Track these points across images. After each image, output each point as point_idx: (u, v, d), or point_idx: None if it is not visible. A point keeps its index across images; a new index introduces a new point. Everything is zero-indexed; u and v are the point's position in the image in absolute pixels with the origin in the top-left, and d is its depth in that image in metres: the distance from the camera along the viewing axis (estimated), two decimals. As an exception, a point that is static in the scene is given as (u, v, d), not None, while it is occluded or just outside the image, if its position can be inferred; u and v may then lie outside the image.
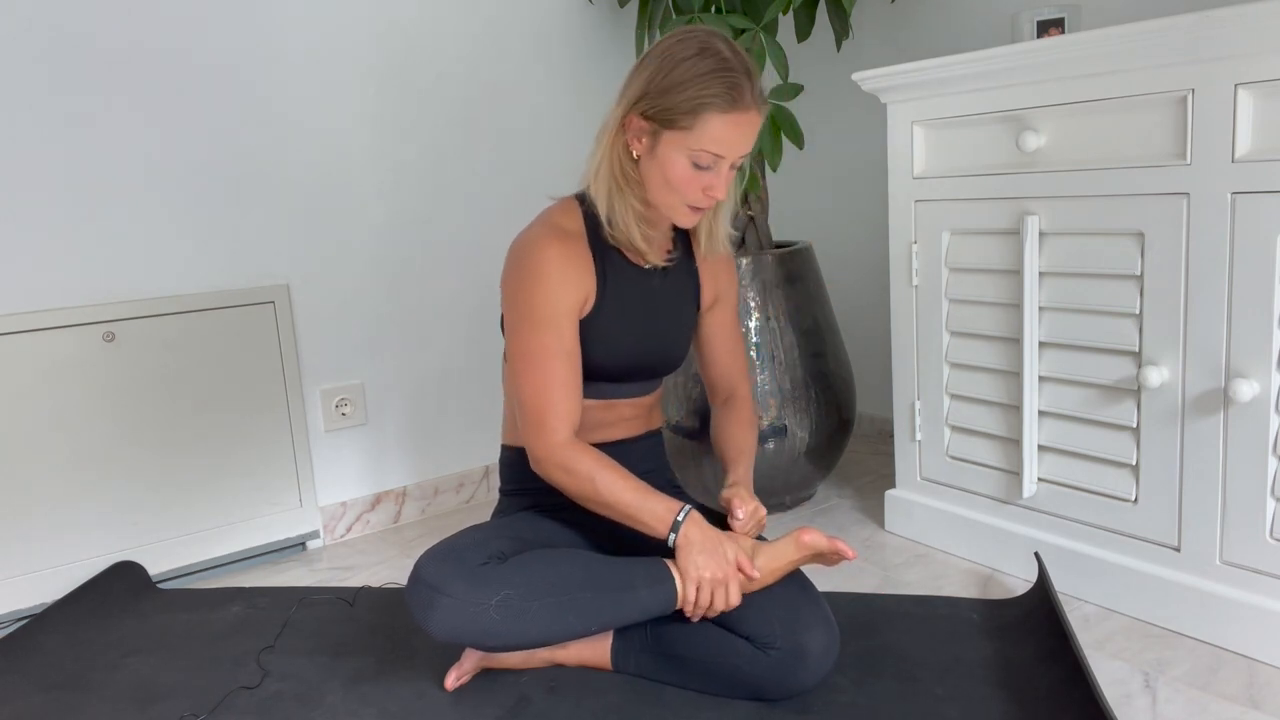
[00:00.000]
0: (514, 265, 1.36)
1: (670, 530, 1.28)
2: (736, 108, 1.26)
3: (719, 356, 1.58)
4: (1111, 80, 1.42)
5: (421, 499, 2.21)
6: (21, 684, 1.49)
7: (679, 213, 1.35)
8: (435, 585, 1.24)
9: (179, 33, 1.82)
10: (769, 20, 1.90)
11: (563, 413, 1.33)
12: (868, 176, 2.46)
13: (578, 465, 1.31)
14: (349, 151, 2.05)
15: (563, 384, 1.33)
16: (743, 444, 1.52)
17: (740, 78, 1.27)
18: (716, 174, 1.31)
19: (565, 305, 1.34)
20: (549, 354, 1.33)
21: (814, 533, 1.31)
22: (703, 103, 1.25)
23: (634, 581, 1.28)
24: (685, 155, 1.29)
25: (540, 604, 1.24)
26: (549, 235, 1.35)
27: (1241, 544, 1.37)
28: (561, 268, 1.34)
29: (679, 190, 1.32)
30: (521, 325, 1.34)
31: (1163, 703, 1.27)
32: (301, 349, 2.02)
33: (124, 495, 1.82)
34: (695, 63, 1.26)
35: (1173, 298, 1.40)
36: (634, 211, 1.36)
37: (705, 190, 1.32)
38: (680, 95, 1.26)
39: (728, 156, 1.30)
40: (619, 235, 1.38)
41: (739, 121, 1.28)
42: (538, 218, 1.42)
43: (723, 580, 1.26)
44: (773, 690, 1.28)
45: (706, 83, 1.25)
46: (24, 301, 1.72)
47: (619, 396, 1.47)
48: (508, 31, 2.24)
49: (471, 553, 1.28)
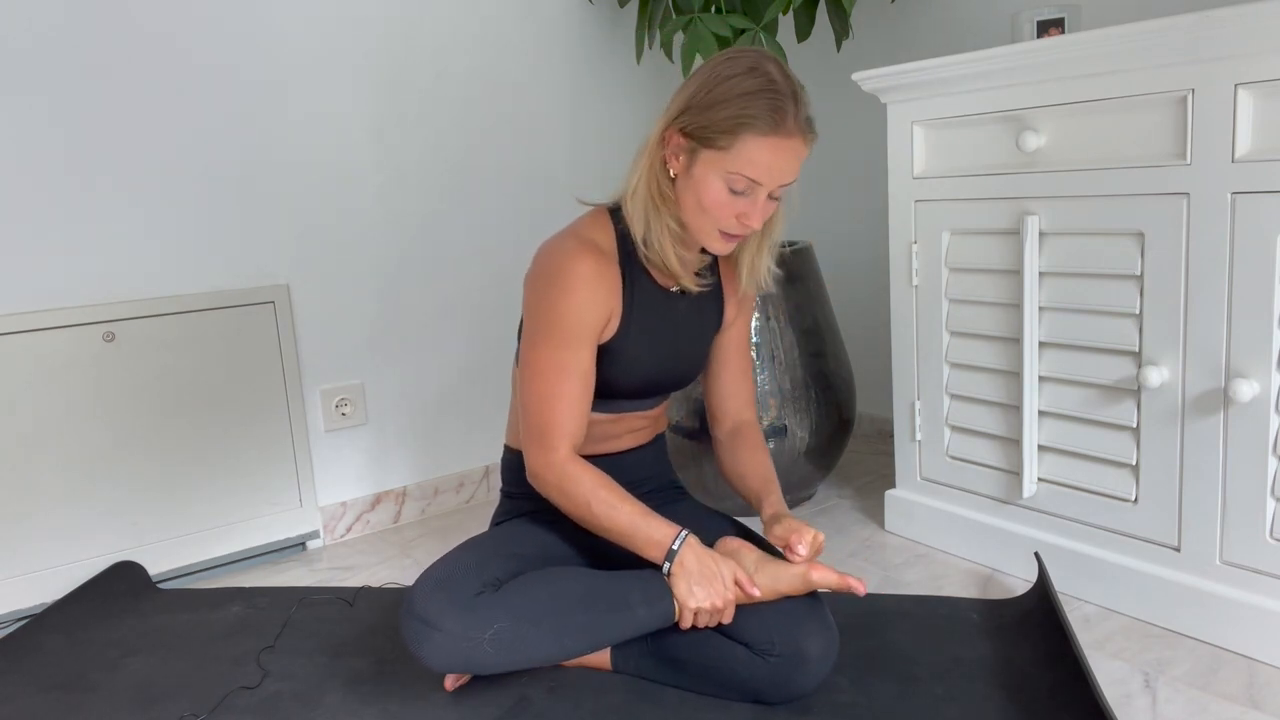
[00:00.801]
0: (542, 273, 1.32)
1: (665, 559, 1.27)
2: (778, 132, 1.21)
3: (727, 379, 1.53)
4: (1111, 80, 1.42)
5: (421, 499, 2.21)
6: (21, 684, 1.49)
7: (712, 238, 1.30)
8: (428, 620, 1.23)
9: (179, 32, 1.82)
10: (769, 20, 1.90)
11: (567, 431, 1.31)
12: (868, 176, 2.46)
13: (575, 487, 1.29)
14: (349, 151, 2.05)
15: (571, 403, 1.31)
16: (767, 471, 1.46)
17: (786, 101, 1.21)
18: (753, 201, 1.26)
19: (589, 325, 1.30)
20: (564, 372, 1.30)
21: (824, 571, 1.27)
22: (743, 122, 1.20)
23: (631, 600, 1.27)
24: (721, 177, 1.24)
25: (535, 631, 1.24)
26: (583, 249, 1.30)
27: (1241, 544, 1.37)
28: (592, 285, 1.29)
29: (711, 214, 1.27)
30: (540, 337, 1.31)
31: (1163, 703, 1.27)
32: (301, 349, 2.02)
33: (124, 495, 1.82)
34: (741, 81, 1.22)
35: (1173, 298, 1.40)
36: (670, 232, 1.32)
37: (739, 218, 1.27)
38: (721, 113, 1.22)
39: (765, 184, 1.24)
40: (653, 256, 1.34)
41: (779, 147, 1.22)
42: (570, 226, 1.38)
43: (720, 608, 1.25)
44: (771, 694, 1.28)
45: (748, 102, 1.21)
46: (24, 301, 1.72)
47: (628, 411, 1.46)
48: (508, 31, 2.24)
49: (465, 582, 1.27)
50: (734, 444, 1.51)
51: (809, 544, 1.29)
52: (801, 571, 1.27)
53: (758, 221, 1.27)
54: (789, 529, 1.31)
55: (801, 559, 1.28)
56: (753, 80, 1.22)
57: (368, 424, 2.13)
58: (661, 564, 1.27)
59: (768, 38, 1.90)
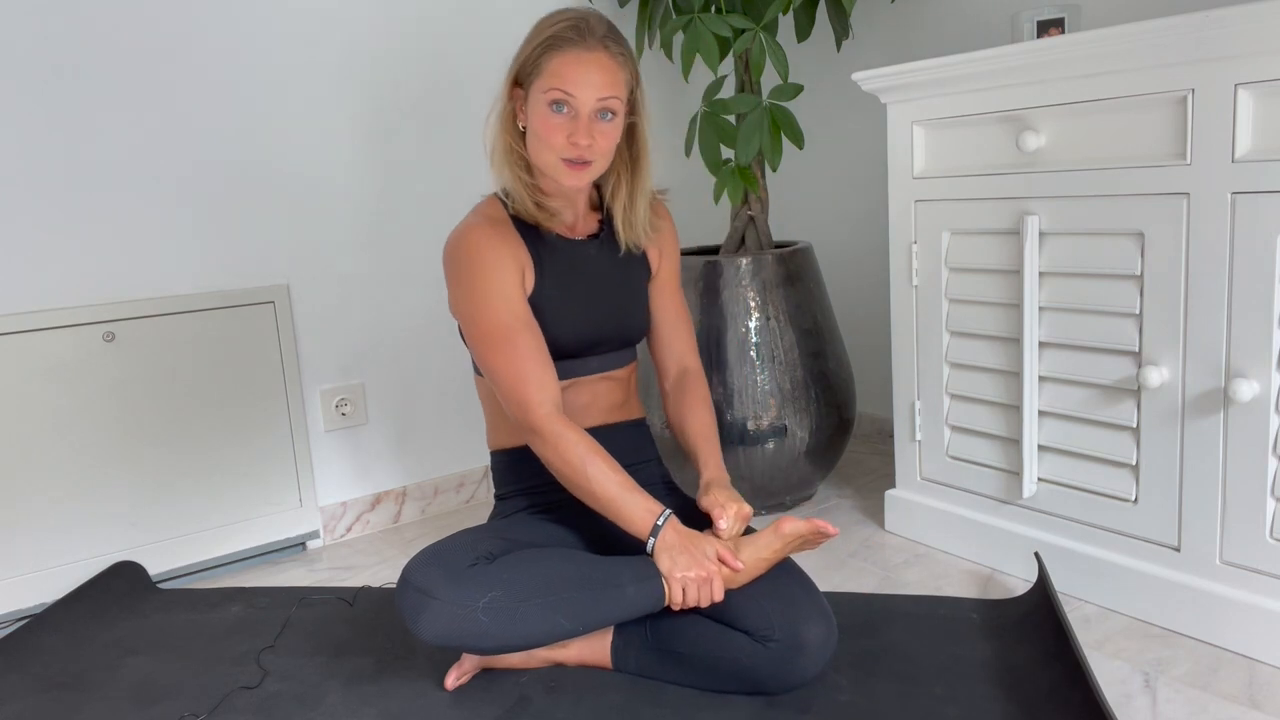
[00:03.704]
0: (450, 260, 1.40)
1: (650, 535, 1.30)
2: (576, 45, 1.32)
3: (662, 326, 1.57)
4: (1111, 80, 1.42)
5: (421, 499, 2.21)
6: (21, 684, 1.49)
7: (558, 171, 1.37)
8: (422, 589, 1.25)
9: (178, 32, 1.82)
10: (769, 20, 1.90)
11: (539, 382, 1.34)
12: (868, 176, 2.46)
13: (569, 446, 1.32)
14: (349, 151, 2.05)
15: (531, 354, 1.35)
16: (702, 427, 1.51)
17: (585, 23, 1.34)
18: (574, 120, 1.33)
19: (508, 280, 1.37)
20: (507, 328, 1.36)
21: (792, 520, 1.32)
22: (548, 45, 1.33)
23: (621, 579, 1.28)
24: (542, 102, 1.34)
25: (529, 604, 1.25)
26: (475, 223, 1.41)
27: (1241, 544, 1.37)
28: (494, 245, 1.38)
29: (545, 141, 1.35)
30: (474, 311, 1.37)
31: (1163, 703, 1.27)
32: (301, 349, 2.02)
33: (124, 495, 1.82)
34: (546, 21, 1.36)
35: (1173, 298, 1.40)
36: (522, 182, 1.41)
37: (569, 138, 1.34)
38: (532, 45, 1.36)
39: (577, 94, 1.32)
40: (519, 208, 1.42)
41: (581, 59, 1.32)
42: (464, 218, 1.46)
43: (706, 578, 1.27)
44: (773, 683, 1.28)
45: (548, 27, 1.35)
46: (24, 301, 1.72)
47: (588, 373, 1.48)
48: (507, 32, 2.24)
49: (458, 555, 1.29)
50: (677, 395, 1.55)
51: (731, 517, 1.35)
52: (772, 528, 1.32)
53: (585, 138, 1.33)
54: (714, 501, 1.37)
55: (723, 532, 1.34)
56: (554, 16, 1.37)
57: (368, 424, 2.13)
58: (645, 540, 1.30)
59: (768, 38, 1.90)
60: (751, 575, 1.31)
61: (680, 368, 1.57)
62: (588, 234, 1.49)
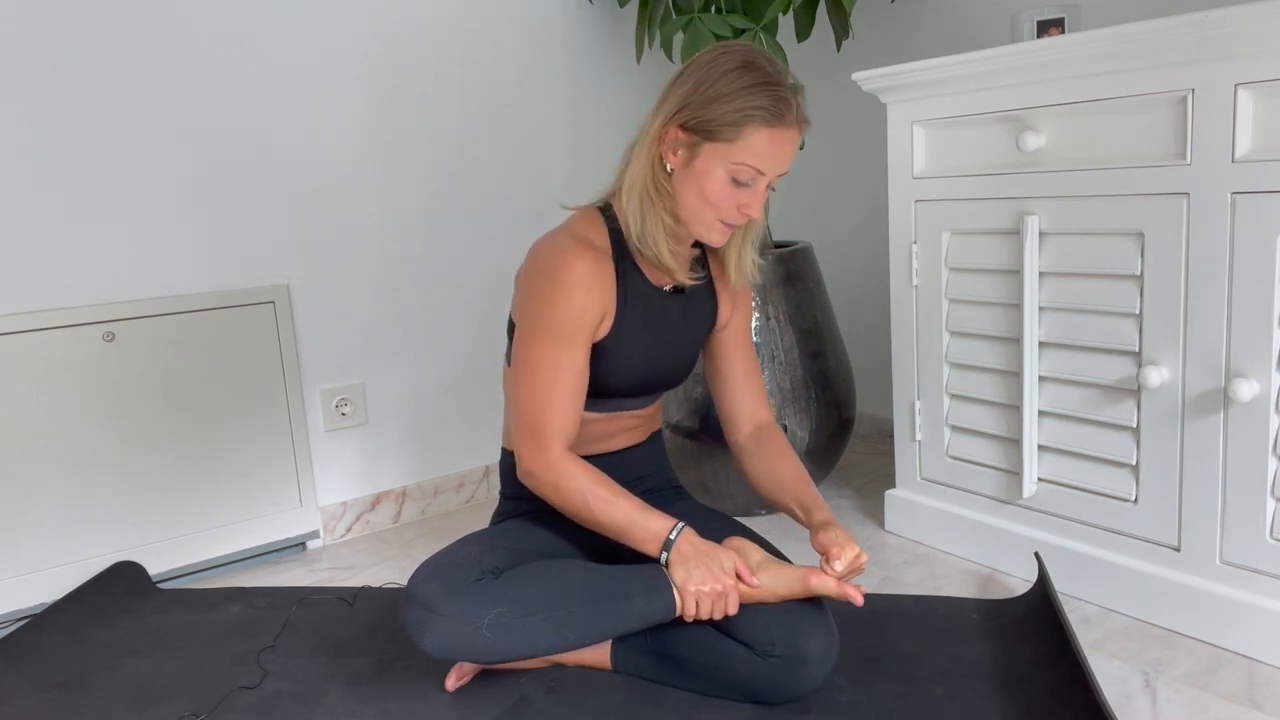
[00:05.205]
0: (536, 271, 1.32)
1: (662, 549, 1.27)
2: (782, 122, 1.25)
3: (735, 379, 1.51)
4: (1111, 80, 1.42)
5: (421, 499, 2.21)
6: (21, 684, 1.49)
7: (711, 229, 1.32)
8: (427, 604, 1.23)
9: (179, 33, 1.82)
10: (769, 20, 1.90)
11: (560, 430, 1.31)
12: (868, 176, 2.46)
13: (571, 483, 1.29)
14: (349, 151, 2.05)
15: (565, 402, 1.31)
16: (799, 473, 1.45)
17: (786, 93, 1.26)
18: (753, 191, 1.29)
19: (585, 324, 1.31)
20: (559, 370, 1.30)
21: (823, 578, 1.26)
22: (748, 115, 1.24)
23: (630, 591, 1.27)
24: (725, 169, 1.27)
25: (534, 619, 1.23)
26: (579, 247, 1.31)
27: (1241, 544, 1.37)
28: (588, 284, 1.30)
29: (714, 205, 1.29)
30: (535, 336, 1.31)
31: (1163, 703, 1.27)
32: (301, 349, 2.02)
33: (124, 495, 1.82)
34: (740, 75, 1.25)
35: (1173, 298, 1.40)
36: (664, 227, 1.33)
37: (740, 207, 1.29)
38: (725, 106, 1.24)
39: (768, 173, 1.28)
40: (647, 252, 1.35)
41: (782, 138, 1.26)
42: (562, 225, 1.39)
43: (721, 593, 1.25)
44: (771, 695, 1.28)
45: (753, 95, 1.24)
46: (24, 301, 1.72)
47: (622, 410, 1.46)
48: (507, 32, 2.24)
49: (463, 570, 1.27)
50: (760, 450, 1.48)
51: (847, 561, 1.28)
52: (801, 575, 1.27)
53: (757, 210, 1.31)
54: (833, 540, 1.30)
55: (834, 575, 1.27)
56: (752, 75, 1.25)
57: (368, 424, 2.13)
58: (659, 555, 1.28)
59: (768, 38, 1.90)
60: (760, 600, 1.28)
61: (755, 423, 1.51)
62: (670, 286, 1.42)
